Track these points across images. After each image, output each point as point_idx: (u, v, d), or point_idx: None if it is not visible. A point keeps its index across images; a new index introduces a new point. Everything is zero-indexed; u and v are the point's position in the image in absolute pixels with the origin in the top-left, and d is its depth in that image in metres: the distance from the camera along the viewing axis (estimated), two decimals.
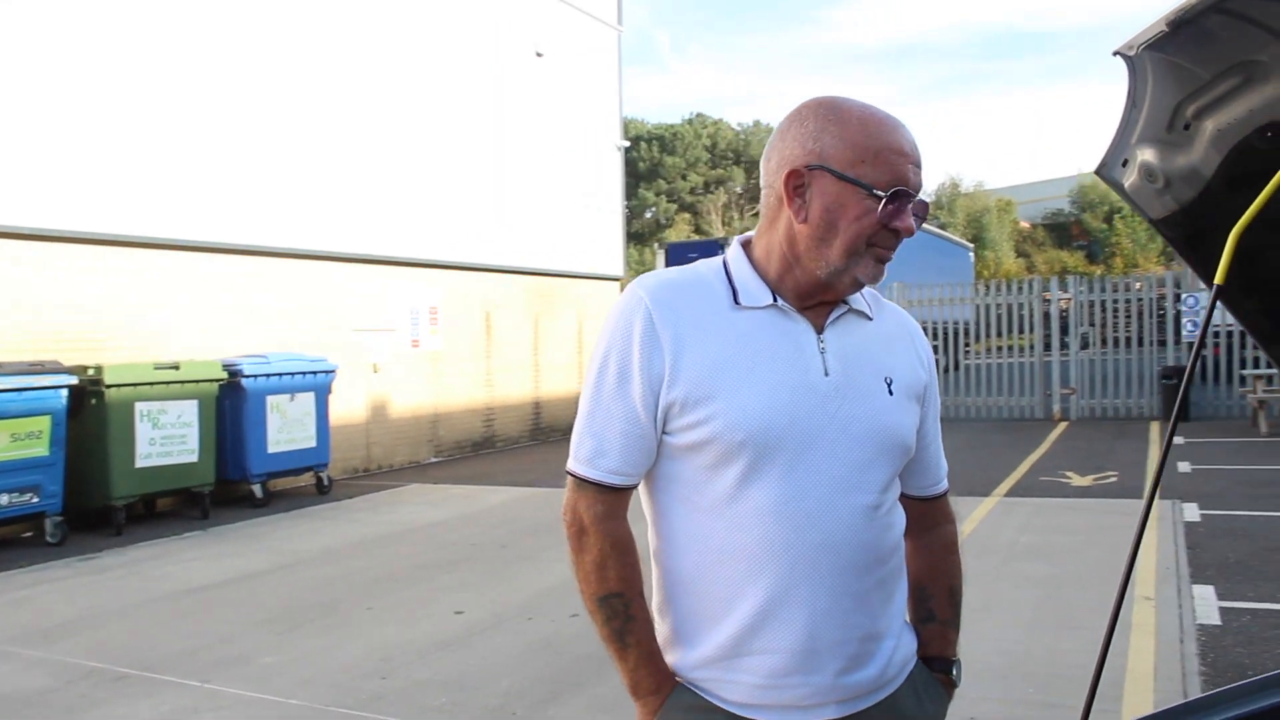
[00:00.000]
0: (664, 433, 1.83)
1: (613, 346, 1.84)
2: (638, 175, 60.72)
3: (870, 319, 1.93)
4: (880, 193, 1.72)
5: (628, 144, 22.96)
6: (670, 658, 1.90)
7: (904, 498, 1.99)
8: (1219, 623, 6.19)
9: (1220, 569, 7.42)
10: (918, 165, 1.77)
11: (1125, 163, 1.76)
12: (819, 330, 1.85)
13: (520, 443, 17.92)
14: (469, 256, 16.53)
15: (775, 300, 1.83)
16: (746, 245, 1.93)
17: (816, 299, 1.84)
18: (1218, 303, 1.61)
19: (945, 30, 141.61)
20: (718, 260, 1.92)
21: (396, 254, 15.04)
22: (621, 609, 1.86)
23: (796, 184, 1.79)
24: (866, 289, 1.97)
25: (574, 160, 19.35)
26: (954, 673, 2.07)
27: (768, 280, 1.85)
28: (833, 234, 1.76)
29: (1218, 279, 1.48)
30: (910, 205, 1.76)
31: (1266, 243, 1.54)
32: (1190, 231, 1.77)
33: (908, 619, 2.01)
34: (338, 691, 5.57)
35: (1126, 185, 1.78)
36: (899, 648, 1.91)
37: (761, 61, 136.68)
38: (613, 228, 20.88)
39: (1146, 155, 1.70)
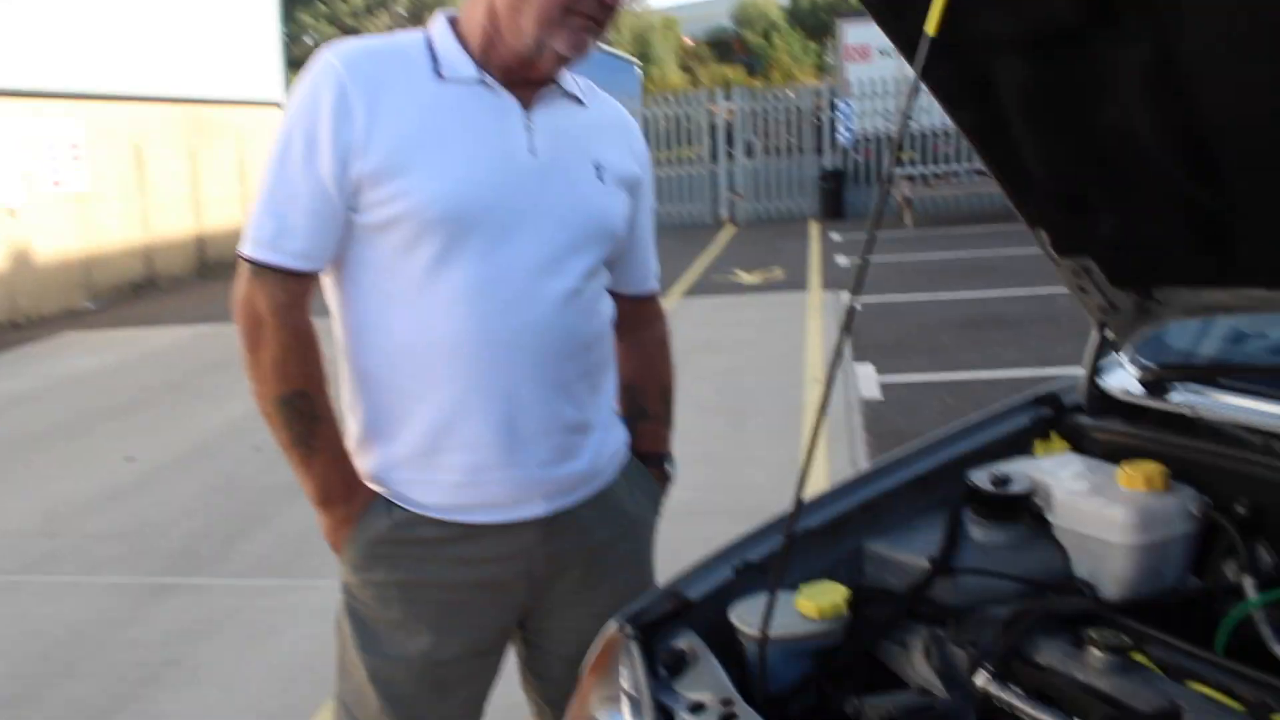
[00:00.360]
0: (353, 211, 1.67)
1: (299, 116, 1.65)
2: None
3: (584, 105, 1.82)
4: None
5: None
6: (360, 461, 1.78)
7: (616, 297, 1.92)
8: (880, 397, 6.68)
9: (878, 349, 7.96)
10: None
11: None
12: (526, 108, 1.72)
13: (186, 280, 16.88)
14: (111, 86, 15.03)
15: (480, 75, 1.70)
16: (453, 21, 1.76)
17: (521, 75, 1.71)
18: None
19: None
20: (419, 32, 1.76)
21: (24, 85, 13.48)
22: (306, 409, 1.70)
23: None
24: (583, 79, 1.87)
25: None
26: (667, 467, 2.06)
27: (472, 55, 1.71)
28: (525, 1, 1.62)
29: (929, 29, 1.43)
30: None
31: None
32: None
33: (619, 414, 1.97)
34: (0, 557, 5.14)
35: None
36: (607, 439, 1.86)
37: None
38: (270, 51, 19.56)
39: None
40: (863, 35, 22.81)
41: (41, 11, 13.78)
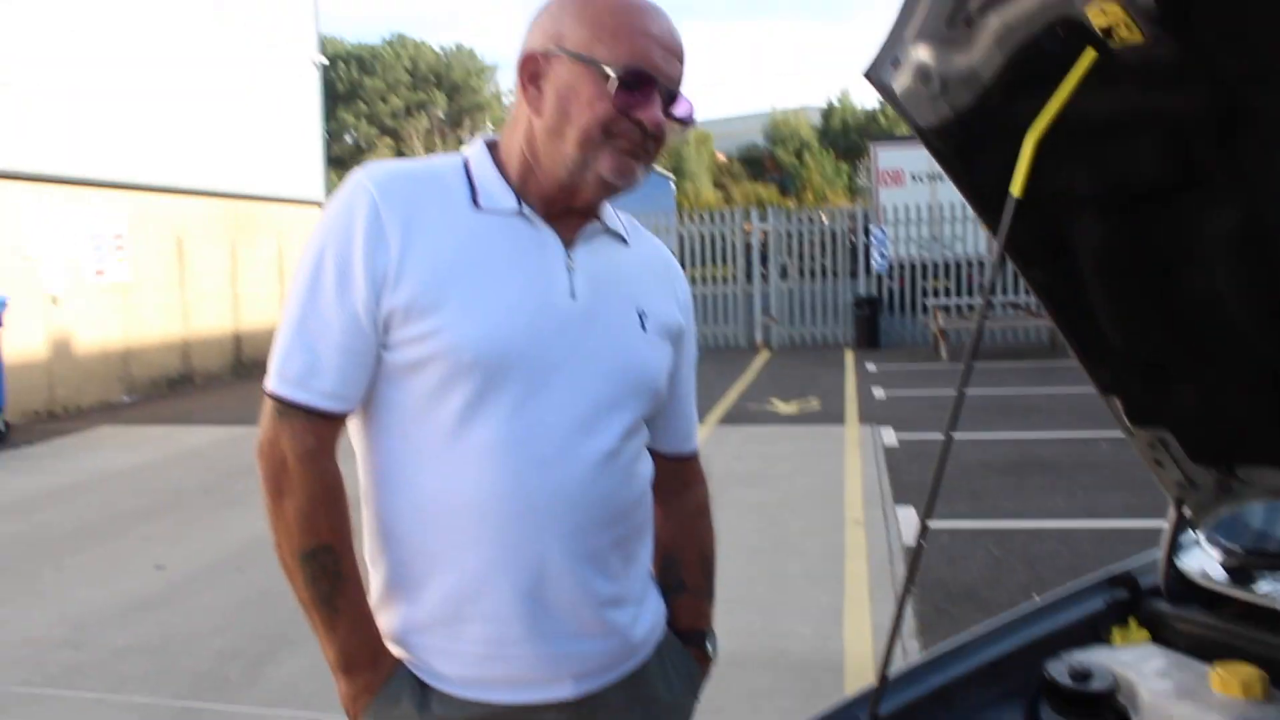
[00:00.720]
0: (383, 348, 1.56)
1: (330, 240, 1.54)
2: (337, 97, 58.39)
3: (626, 244, 1.73)
4: (612, 71, 1.51)
5: (326, 62, 21.87)
6: (381, 619, 1.65)
7: (654, 456, 1.80)
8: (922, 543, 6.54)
9: (919, 490, 7.85)
10: (670, 53, 1.56)
11: (896, 63, 1.60)
12: (567, 245, 1.63)
13: (222, 378, 16.97)
14: (157, 177, 15.33)
15: (520, 206, 1.61)
16: (492, 146, 1.68)
17: (563, 206, 1.62)
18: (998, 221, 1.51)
19: None
20: (457, 157, 1.68)
21: (72, 173, 13.72)
22: (331, 566, 1.57)
23: (532, 71, 1.58)
24: (625, 216, 1.79)
25: (269, 77, 18.27)
26: (708, 646, 1.90)
27: (511, 183, 1.62)
28: (566, 123, 1.54)
29: (1015, 190, 1.40)
30: (657, 95, 1.54)
31: (1047, 154, 1.46)
32: (962, 142, 1.65)
33: (656, 587, 1.84)
34: (24, 668, 5.04)
35: (897, 89, 1.62)
36: (641, 615, 1.72)
37: None
38: (312, 149, 19.93)
39: (922, 54, 1.56)
40: (896, 159, 23.11)
41: (90, 101, 14.11)
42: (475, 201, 1.60)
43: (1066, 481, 7.96)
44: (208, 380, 16.72)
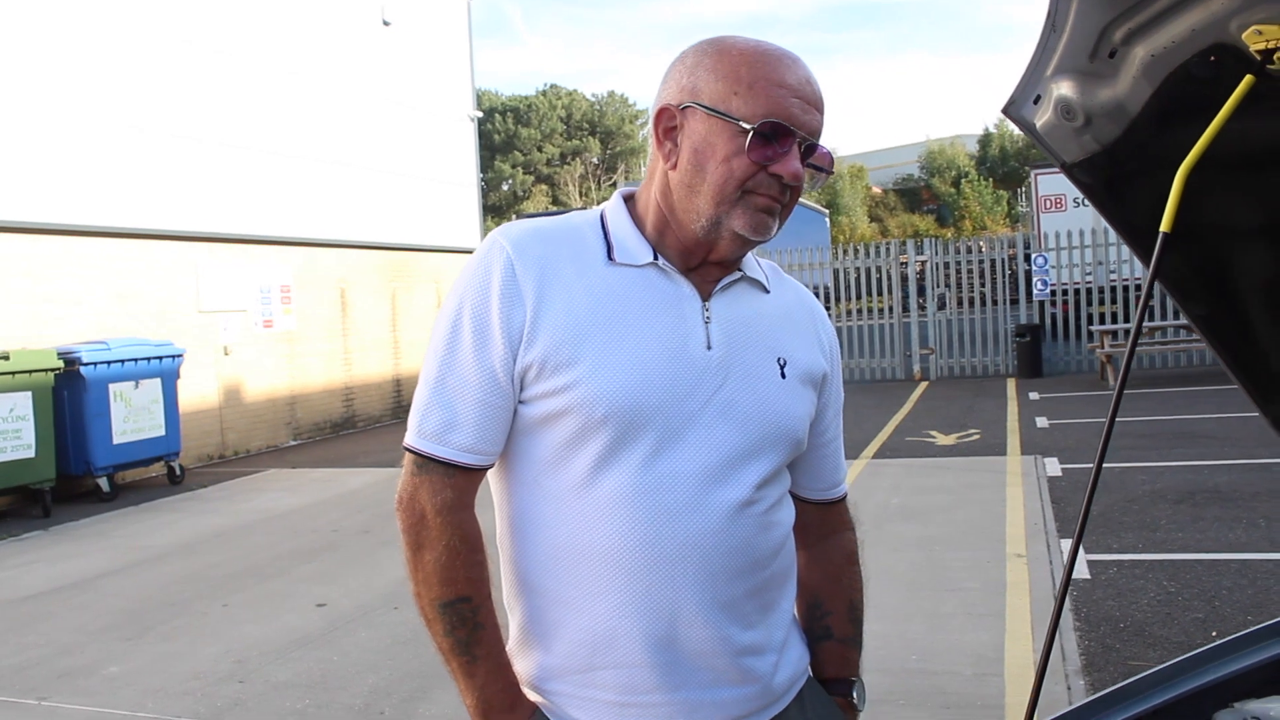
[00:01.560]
0: (519, 402, 1.57)
1: (467, 298, 1.56)
2: (493, 148, 59.93)
3: (767, 292, 1.70)
4: (748, 125, 1.48)
5: (481, 115, 22.46)
6: (517, 665, 1.65)
7: (799, 501, 1.77)
8: (1088, 576, 6.25)
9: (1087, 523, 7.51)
10: (809, 104, 1.51)
11: (1038, 99, 1.54)
12: (705, 297, 1.61)
13: (382, 422, 17.46)
14: (321, 232, 15.96)
15: (655, 259, 1.59)
16: (629, 198, 1.67)
17: (701, 260, 1.60)
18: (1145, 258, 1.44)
19: (797, 2, 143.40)
20: (594, 211, 1.67)
21: (243, 231, 14.40)
22: (470, 615, 1.58)
23: (668, 125, 1.56)
24: (766, 262, 1.75)
25: (426, 132, 18.84)
26: (855, 695, 1.83)
27: (647, 237, 1.61)
28: (701, 178, 1.52)
29: (1164, 226, 1.30)
30: (795, 147, 1.50)
31: (1203, 187, 1.37)
32: (1110, 176, 1.58)
33: (800, 633, 1.79)
34: (190, 700, 5.21)
35: (1038, 125, 1.57)
36: (781, 664, 1.68)
37: (615, 35, 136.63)
38: (468, 200, 20.43)
39: (1064, 89, 1.50)
40: (1057, 185, 22.55)
41: (258, 163, 14.74)
42: (610, 256, 1.59)
43: (1246, 511, 7.50)
44: (369, 423, 17.22)
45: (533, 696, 1.64)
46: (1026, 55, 1.56)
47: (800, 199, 1.58)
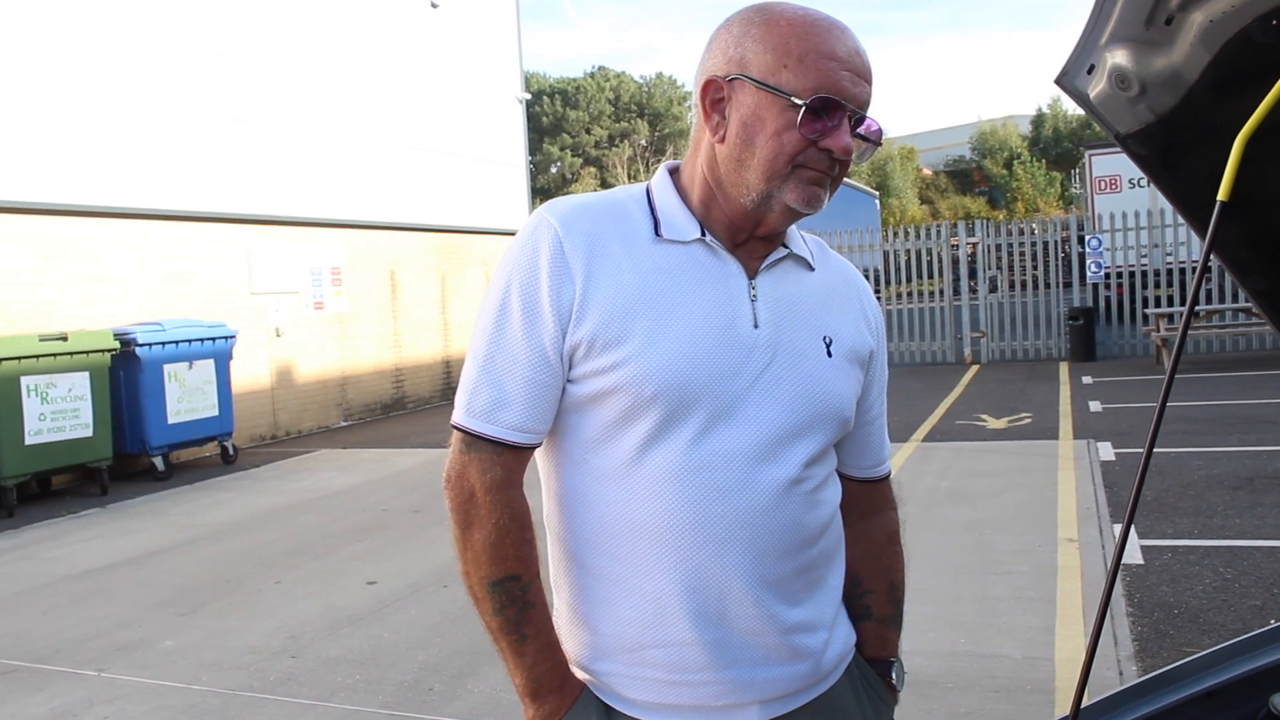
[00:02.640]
0: (567, 380, 1.57)
1: (515, 276, 1.55)
2: (541, 130, 59.98)
3: (813, 269, 1.68)
4: (800, 100, 1.45)
5: (529, 97, 22.48)
6: (566, 644, 1.64)
7: (843, 479, 1.75)
8: (1141, 562, 6.18)
9: (1139, 507, 7.43)
10: (859, 76, 1.48)
11: (1092, 69, 1.51)
12: (751, 275, 1.59)
13: (432, 403, 17.59)
14: (371, 215, 16.08)
15: (703, 235, 1.57)
16: (674, 172, 1.66)
17: (748, 234, 1.58)
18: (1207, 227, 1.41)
19: None
20: (640, 187, 1.65)
21: (294, 214, 14.54)
22: (520, 594, 1.57)
23: (715, 97, 1.53)
24: (812, 238, 1.73)
25: (475, 114, 18.90)
26: (894, 675, 1.81)
27: (693, 210, 1.59)
28: (750, 153, 1.49)
29: (1222, 194, 1.28)
30: (845, 120, 1.47)
31: (1263, 155, 1.34)
32: (1166, 147, 1.55)
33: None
34: (245, 674, 5.29)
35: (1092, 95, 1.54)
36: (832, 640, 1.67)
37: (664, 16, 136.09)
38: (517, 182, 20.48)
39: (1119, 58, 1.47)
40: (1112, 166, 22.20)
41: (312, 146, 14.85)
42: (657, 232, 1.58)
43: None
44: (419, 404, 17.34)
45: (581, 675, 1.63)
46: (1079, 30, 1.53)
47: (849, 180, 1.56)
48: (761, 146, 1.49)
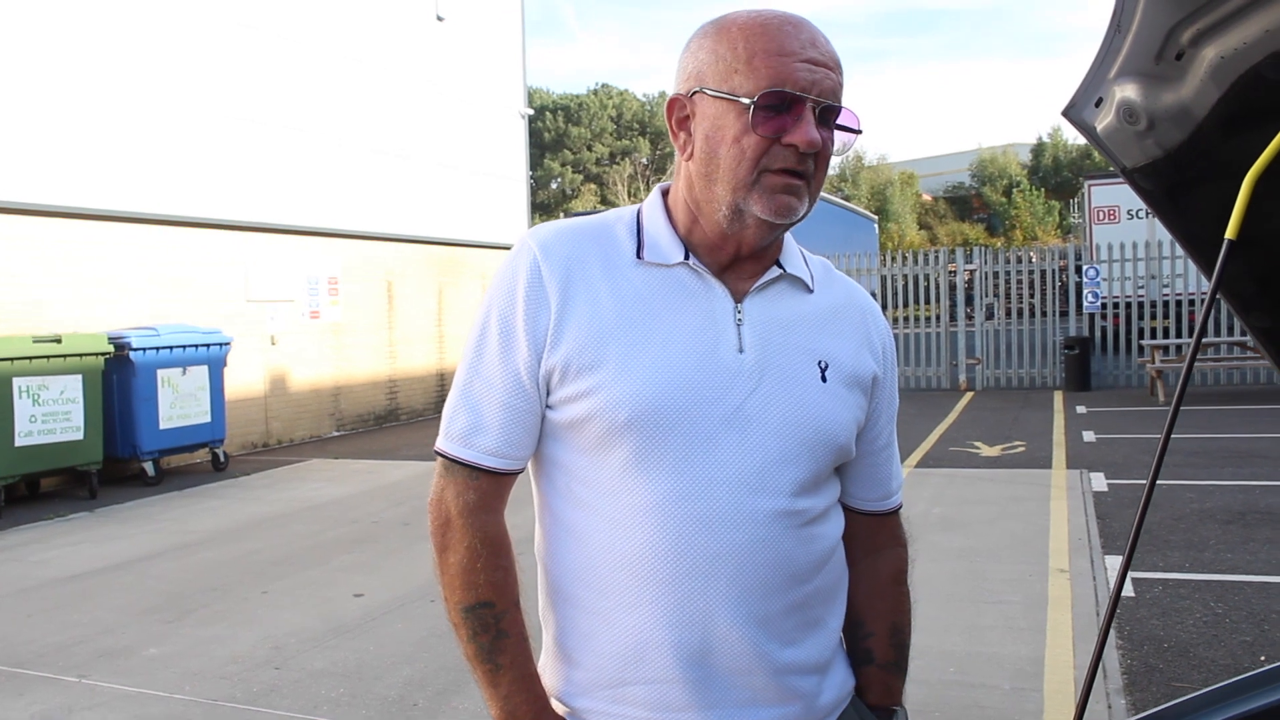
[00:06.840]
0: (545, 406, 1.55)
1: (495, 302, 1.54)
2: (543, 146, 60.12)
3: (811, 291, 1.62)
4: (747, 100, 1.42)
5: (531, 112, 22.52)
6: (548, 678, 1.61)
7: (848, 512, 1.68)
8: (1132, 594, 6.15)
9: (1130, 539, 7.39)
10: (816, 65, 1.43)
11: (1099, 101, 1.50)
12: (739, 298, 1.54)
13: (425, 415, 17.55)
14: (370, 225, 16.07)
15: (687, 258, 1.53)
16: (666, 193, 1.63)
17: (732, 255, 1.54)
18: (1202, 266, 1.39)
19: (850, 6, 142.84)
20: (633, 209, 1.63)
21: (293, 223, 14.53)
22: (492, 621, 1.54)
23: (680, 115, 1.52)
24: (818, 259, 1.68)
25: (477, 128, 18.92)
26: None
27: (680, 234, 1.56)
28: (715, 165, 1.46)
29: (1230, 233, 1.26)
30: (808, 112, 1.42)
31: (1270, 192, 1.33)
32: (1173, 183, 1.53)
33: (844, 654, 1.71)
34: (227, 684, 5.24)
35: (1099, 128, 1.52)
36: (825, 685, 1.60)
37: (667, 34, 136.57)
38: (517, 197, 20.49)
39: (1127, 92, 1.46)
40: (1111, 196, 22.28)
41: (311, 156, 14.85)
42: (639, 254, 1.55)
43: None
44: (412, 416, 17.31)
45: (561, 710, 1.59)
46: (1081, 62, 1.52)
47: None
48: (724, 156, 1.46)
